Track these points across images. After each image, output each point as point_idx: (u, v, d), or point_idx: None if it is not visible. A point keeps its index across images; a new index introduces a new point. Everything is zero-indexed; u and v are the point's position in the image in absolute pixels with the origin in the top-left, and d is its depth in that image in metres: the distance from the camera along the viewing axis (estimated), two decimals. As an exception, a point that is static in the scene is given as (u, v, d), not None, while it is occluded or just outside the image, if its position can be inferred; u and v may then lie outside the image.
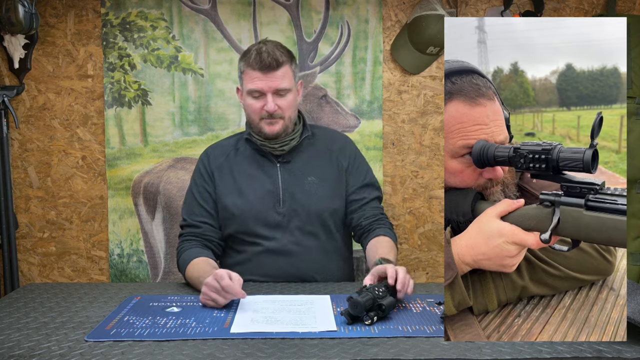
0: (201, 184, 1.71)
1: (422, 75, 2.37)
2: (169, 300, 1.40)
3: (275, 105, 1.60)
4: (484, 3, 2.34)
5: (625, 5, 2.35)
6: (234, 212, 1.66)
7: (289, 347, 1.07)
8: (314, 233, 1.68)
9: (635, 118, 2.22)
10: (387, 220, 1.74)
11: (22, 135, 2.32)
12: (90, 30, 2.29)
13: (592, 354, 1.02)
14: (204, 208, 1.69)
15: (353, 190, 1.72)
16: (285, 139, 1.67)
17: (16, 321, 1.24)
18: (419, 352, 1.04)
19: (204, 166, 1.73)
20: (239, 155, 1.72)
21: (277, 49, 1.61)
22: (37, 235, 2.35)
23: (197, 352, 1.04)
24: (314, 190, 1.68)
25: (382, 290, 1.25)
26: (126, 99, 2.30)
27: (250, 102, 1.63)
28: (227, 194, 1.68)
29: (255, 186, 1.68)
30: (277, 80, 1.60)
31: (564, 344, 1.06)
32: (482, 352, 1.03)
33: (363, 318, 1.20)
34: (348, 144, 1.79)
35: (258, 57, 1.58)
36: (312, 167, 1.71)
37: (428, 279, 2.42)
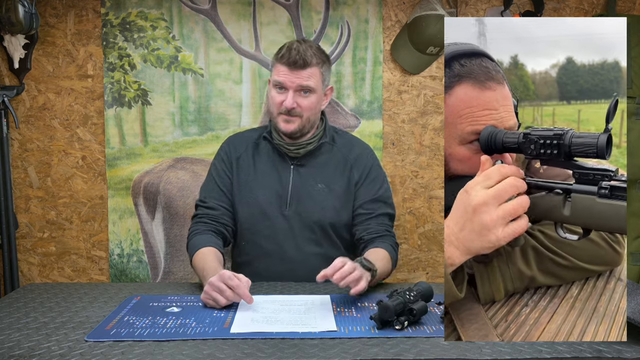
0: (222, 169, 1.72)
1: (422, 75, 2.37)
2: (169, 300, 1.40)
3: (294, 102, 1.59)
4: (484, 3, 2.34)
5: (625, 5, 2.35)
6: (241, 207, 1.66)
7: (289, 347, 1.07)
8: (315, 240, 1.67)
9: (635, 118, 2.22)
10: (392, 239, 1.67)
11: (22, 135, 2.32)
12: (90, 30, 2.29)
13: (592, 354, 1.02)
14: (223, 192, 1.69)
15: (361, 204, 1.68)
16: (301, 142, 1.66)
17: (16, 321, 1.23)
18: (419, 352, 1.04)
19: (226, 153, 1.74)
20: (258, 151, 1.72)
21: (310, 50, 1.61)
22: (37, 235, 2.35)
23: (197, 352, 1.04)
24: (321, 197, 1.66)
25: (413, 294, 1.21)
26: (126, 99, 2.30)
27: (273, 95, 1.63)
28: (240, 188, 1.68)
29: (266, 185, 1.68)
30: (301, 78, 1.59)
31: (564, 344, 1.06)
32: (482, 352, 1.03)
33: (393, 323, 1.16)
34: (365, 155, 1.74)
35: (288, 52, 1.59)
36: (325, 174, 1.69)
37: (428, 279, 2.42)
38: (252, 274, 1.64)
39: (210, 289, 1.31)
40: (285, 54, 1.59)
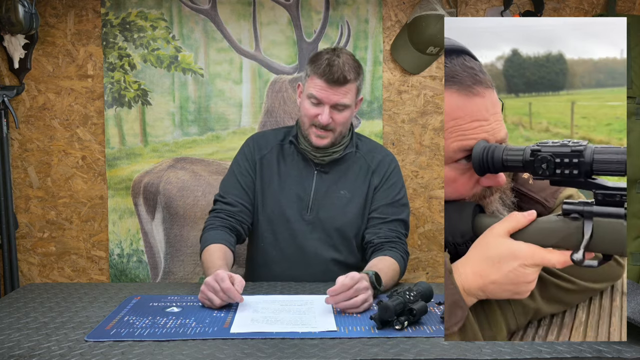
0: (244, 166, 1.71)
1: (422, 75, 2.37)
2: (169, 300, 1.40)
3: (329, 118, 1.57)
4: (484, 3, 2.34)
5: (625, 5, 2.35)
6: (264, 209, 1.66)
7: (289, 347, 1.07)
8: (335, 246, 1.66)
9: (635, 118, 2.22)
10: (403, 246, 1.64)
11: (22, 135, 2.32)
12: (90, 30, 2.29)
13: (592, 354, 1.02)
14: (244, 189, 1.68)
15: (375, 208, 1.67)
16: (328, 150, 1.65)
17: (16, 321, 1.23)
18: (419, 352, 1.04)
19: (250, 151, 1.72)
20: (282, 153, 1.71)
21: (348, 64, 1.56)
22: (37, 235, 2.35)
23: (197, 352, 1.04)
24: (342, 204, 1.66)
25: (413, 294, 1.21)
26: (126, 99, 2.30)
27: (307, 107, 1.60)
28: (263, 189, 1.68)
29: (289, 188, 1.67)
30: (339, 95, 1.56)
31: (563, 344, 1.06)
32: (482, 352, 1.03)
33: (393, 323, 1.16)
34: (386, 161, 1.73)
35: (328, 69, 1.54)
36: (347, 180, 1.68)
37: (428, 279, 2.42)
38: (270, 276, 1.64)
39: (206, 289, 1.32)
40: (325, 69, 1.54)
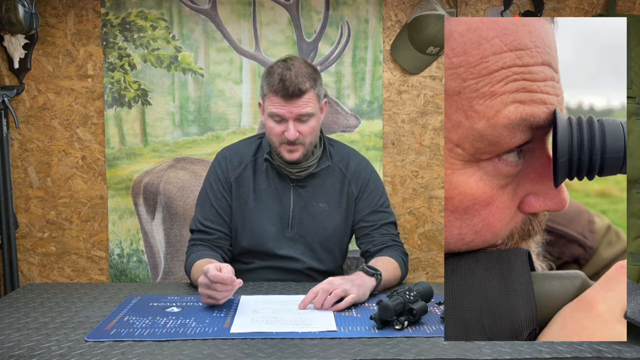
0: (218, 190, 1.65)
1: (422, 75, 2.37)
2: (169, 300, 1.40)
3: (296, 132, 1.53)
4: (484, 3, 2.34)
5: (625, 5, 2.35)
6: (244, 230, 1.63)
7: (289, 347, 1.07)
8: (320, 259, 1.66)
9: (635, 118, 2.22)
10: (401, 248, 1.64)
11: (22, 135, 2.32)
12: (90, 30, 2.29)
13: (592, 354, 1.02)
14: (220, 215, 1.63)
15: (361, 218, 1.66)
16: (303, 165, 1.62)
17: (16, 321, 1.23)
18: (419, 352, 1.04)
19: (222, 172, 1.66)
20: (257, 170, 1.66)
21: (301, 74, 1.51)
22: (37, 235, 2.35)
23: (197, 352, 1.04)
24: (322, 217, 1.64)
25: (413, 294, 1.20)
26: (126, 99, 2.30)
27: (272, 126, 1.56)
28: (241, 211, 1.64)
29: (267, 207, 1.64)
30: (299, 108, 1.52)
31: (564, 344, 1.06)
32: (482, 352, 1.03)
33: (393, 323, 1.16)
34: (362, 169, 1.70)
35: (281, 84, 1.49)
36: (325, 193, 1.66)
37: (428, 279, 2.42)
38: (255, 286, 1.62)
39: (202, 289, 1.31)
40: (278, 86, 1.49)
